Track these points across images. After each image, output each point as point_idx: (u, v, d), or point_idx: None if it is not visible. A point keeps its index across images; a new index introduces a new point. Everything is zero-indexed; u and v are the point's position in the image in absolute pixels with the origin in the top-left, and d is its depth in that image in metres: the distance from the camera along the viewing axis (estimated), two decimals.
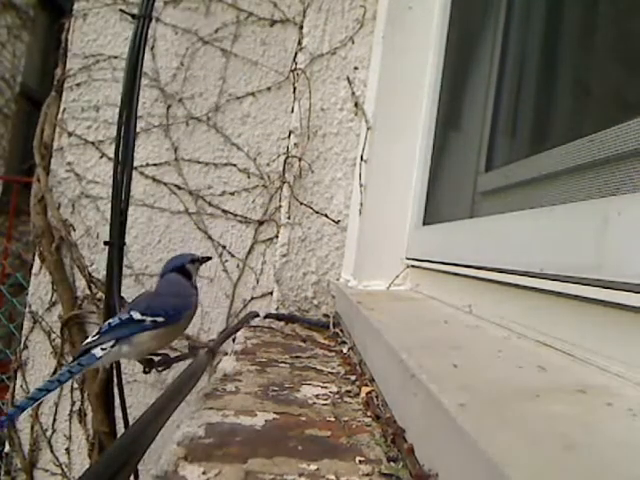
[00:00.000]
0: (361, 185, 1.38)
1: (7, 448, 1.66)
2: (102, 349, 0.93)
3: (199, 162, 1.65)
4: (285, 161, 1.56)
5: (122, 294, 1.41)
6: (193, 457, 0.47)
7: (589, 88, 0.86)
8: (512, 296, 0.71)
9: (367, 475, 0.46)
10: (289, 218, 1.51)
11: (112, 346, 0.93)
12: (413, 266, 1.29)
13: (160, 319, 0.97)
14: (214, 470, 0.45)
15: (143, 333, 0.96)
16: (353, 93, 1.53)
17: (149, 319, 0.96)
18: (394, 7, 1.39)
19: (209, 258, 1.19)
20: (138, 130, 1.51)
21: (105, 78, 1.69)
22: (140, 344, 0.96)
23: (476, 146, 1.23)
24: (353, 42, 1.54)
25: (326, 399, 0.69)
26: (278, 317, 1.39)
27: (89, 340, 0.94)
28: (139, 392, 1.62)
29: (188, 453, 0.48)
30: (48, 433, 1.64)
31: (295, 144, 1.53)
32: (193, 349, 1.17)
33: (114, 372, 1.48)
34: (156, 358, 1.08)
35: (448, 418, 0.39)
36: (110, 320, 0.97)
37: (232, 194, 1.64)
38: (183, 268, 1.09)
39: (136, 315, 0.96)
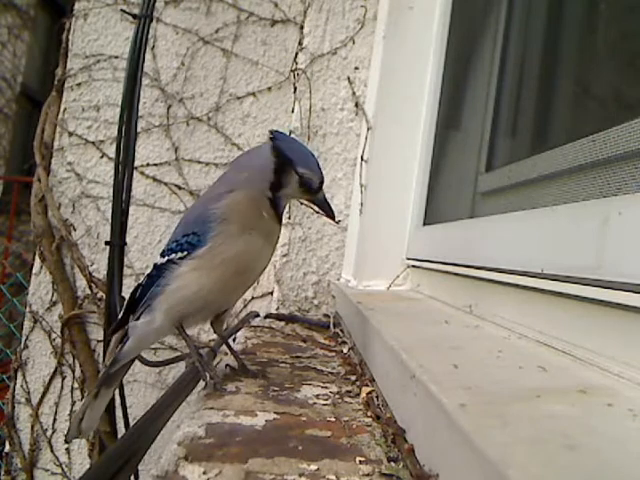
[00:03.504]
0: (361, 185, 1.38)
1: (7, 448, 1.66)
2: None
3: (199, 162, 1.65)
4: None
5: (123, 294, 1.41)
6: (193, 457, 0.47)
7: (589, 88, 0.86)
8: (512, 296, 0.71)
9: (367, 475, 0.46)
10: (289, 218, 1.51)
11: None
12: (414, 266, 1.29)
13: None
14: (214, 470, 0.45)
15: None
16: (354, 93, 1.53)
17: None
18: (395, 7, 1.39)
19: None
20: (139, 130, 1.51)
21: (106, 78, 1.69)
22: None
23: (476, 146, 1.23)
24: (354, 42, 1.54)
25: (326, 399, 0.69)
26: (278, 317, 1.39)
27: None
28: (139, 392, 1.62)
29: (188, 453, 0.48)
30: (48, 433, 1.64)
31: None
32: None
33: None
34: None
35: (448, 418, 0.39)
36: None
37: None
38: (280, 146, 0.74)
39: None
